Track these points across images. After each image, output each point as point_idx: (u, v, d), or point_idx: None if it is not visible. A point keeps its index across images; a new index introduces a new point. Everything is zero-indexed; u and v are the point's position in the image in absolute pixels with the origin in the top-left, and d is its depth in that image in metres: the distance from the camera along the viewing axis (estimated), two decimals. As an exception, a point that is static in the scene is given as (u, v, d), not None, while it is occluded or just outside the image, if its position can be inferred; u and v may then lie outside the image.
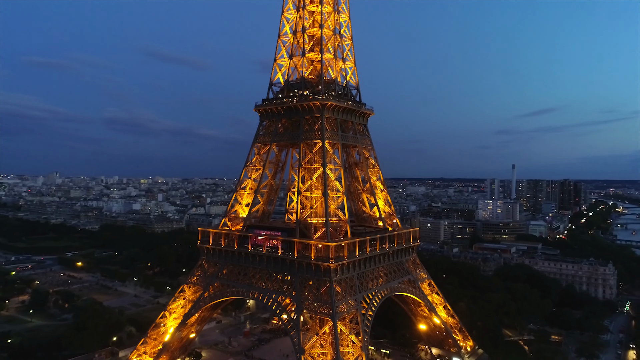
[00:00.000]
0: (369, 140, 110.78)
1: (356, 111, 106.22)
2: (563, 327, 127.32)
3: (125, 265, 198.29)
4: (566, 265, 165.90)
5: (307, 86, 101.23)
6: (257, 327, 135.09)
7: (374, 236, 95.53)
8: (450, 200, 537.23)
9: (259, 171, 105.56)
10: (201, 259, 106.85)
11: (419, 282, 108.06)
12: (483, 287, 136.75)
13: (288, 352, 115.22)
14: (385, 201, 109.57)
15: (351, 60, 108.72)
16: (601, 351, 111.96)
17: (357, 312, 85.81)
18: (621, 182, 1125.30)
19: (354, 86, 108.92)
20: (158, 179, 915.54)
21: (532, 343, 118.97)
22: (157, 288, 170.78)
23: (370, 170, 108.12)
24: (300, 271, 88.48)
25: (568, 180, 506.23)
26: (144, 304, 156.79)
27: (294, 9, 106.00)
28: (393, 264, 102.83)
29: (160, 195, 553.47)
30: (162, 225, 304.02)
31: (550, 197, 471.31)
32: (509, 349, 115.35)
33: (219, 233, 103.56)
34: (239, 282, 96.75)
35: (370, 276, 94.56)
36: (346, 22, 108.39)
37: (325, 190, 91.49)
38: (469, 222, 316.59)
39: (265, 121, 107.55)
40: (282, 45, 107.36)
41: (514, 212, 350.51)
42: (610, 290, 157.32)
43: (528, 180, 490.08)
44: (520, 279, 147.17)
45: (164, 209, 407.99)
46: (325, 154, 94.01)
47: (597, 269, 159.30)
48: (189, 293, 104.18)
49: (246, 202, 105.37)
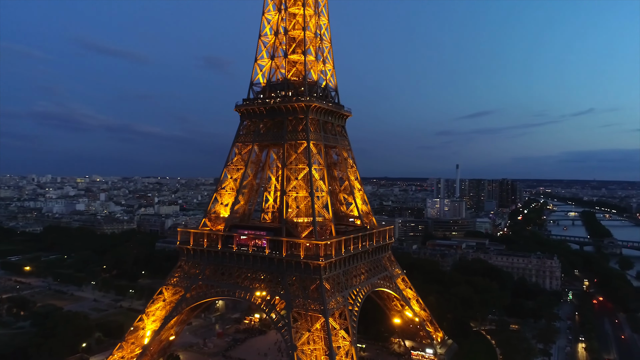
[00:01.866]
0: (347, 141, 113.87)
1: (336, 113, 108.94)
2: (519, 317, 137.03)
3: (79, 269, 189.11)
4: (517, 259, 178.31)
5: (289, 87, 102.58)
6: (230, 328, 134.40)
7: (357, 234, 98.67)
8: (397, 199, 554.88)
9: (240, 171, 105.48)
10: (180, 260, 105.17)
11: (394, 278, 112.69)
12: (447, 281, 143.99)
13: (265, 350, 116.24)
14: (362, 200, 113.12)
15: (330, 63, 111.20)
16: (555, 337, 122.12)
17: (345, 308, 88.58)
18: (549, 181, 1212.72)
19: (333, 88, 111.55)
20: (96, 177, 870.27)
21: (494, 332, 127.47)
22: (118, 291, 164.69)
23: (348, 170, 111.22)
24: (288, 270, 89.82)
25: (506, 179, 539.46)
26: (106, 309, 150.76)
27: (275, 10, 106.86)
28: (372, 261, 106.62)
29: (102, 195, 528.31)
30: (111, 227, 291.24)
31: (491, 195, 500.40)
32: (476, 338, 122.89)
33: (200, 233, 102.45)
34: (224, 282, 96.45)
35: (354, 273, 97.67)
36: (325, 25, 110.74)
37: (311, 190, 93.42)
38: (421, 220, 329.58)
39: (246, 121, 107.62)
40: (262, 46, 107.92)
41: (460, 210, 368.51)
42: (556, 281, 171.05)
43: (470, 179, 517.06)
44: (479, 272, 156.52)
45: (110, 209, 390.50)
46: (311, 155, 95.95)
47: (544, 262, 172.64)
48: (168, 295, 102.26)
49: (227, 202, 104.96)
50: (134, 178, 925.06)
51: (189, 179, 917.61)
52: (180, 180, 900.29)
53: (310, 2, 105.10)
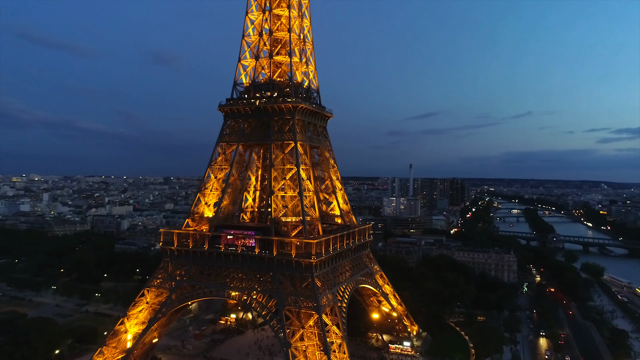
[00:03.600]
0: (328, 142, 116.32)
1: (320, 114, 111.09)
2: (484, 309, 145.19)
3: (35, 273, 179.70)
4: (477, 254, 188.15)
5: (275, 88, 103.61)
6: (207, 329, 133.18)
7: (343, 233, 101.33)
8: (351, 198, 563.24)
9: (224, 170, 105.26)
10: (163, 261, 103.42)
11: (374, 274, 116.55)
12: (416, 277, 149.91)
13: (245, 350, 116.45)
14: (343, 199, 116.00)
15: (312, 64, 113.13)
16: (520, 326, 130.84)
17: (335, 304, 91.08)
18: (492, 180, 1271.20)
19: (315, 89, 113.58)
20: (34, 176, 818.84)
21: (463, 324, 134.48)
22: (82, 296, 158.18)
23: (330, 169, 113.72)
24: (279, 268, 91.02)
25: (456, 179, 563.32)
26: (71, 314, 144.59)
27: (259, 11, 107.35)
28: (355, 259, 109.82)
29: (45, 195, 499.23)
30: (63, 228, 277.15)
31: (443, 194, 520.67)
32: (448, 331, 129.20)
33: (184, 234, 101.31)
34: (212, 283, 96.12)
35: (340, 270, 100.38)
36: (308, 27, 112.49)
37: (300, 189, 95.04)
38: (380, 218, 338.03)
39: (229, 121, 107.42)
40: (245, 46, 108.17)
41: (415, 208, 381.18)
42: (513, 274, 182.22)
43: (423, 178, 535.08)
44: (444, 268, 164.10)
45: (58, 210, 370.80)
46: (298, 155, 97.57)
47: (502, 257, 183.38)
48: (152, 297, 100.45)
49: (212, 202, 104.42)
50: (76, 177, 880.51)
51: (137, 178, 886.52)
52: (127, 180, 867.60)
53: (294, 3, 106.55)
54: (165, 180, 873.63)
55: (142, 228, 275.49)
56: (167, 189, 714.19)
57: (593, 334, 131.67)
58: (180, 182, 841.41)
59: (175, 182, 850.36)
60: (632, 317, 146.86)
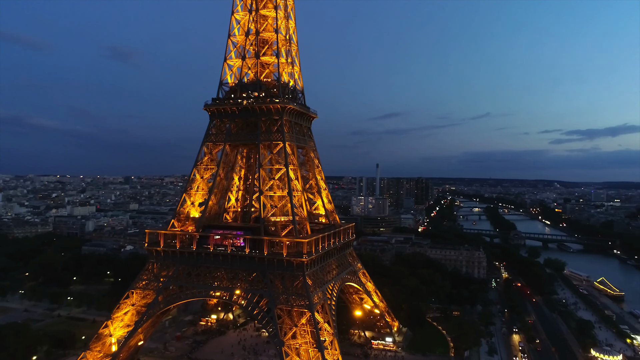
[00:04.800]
0: (313, 142, 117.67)
1: (305, 114, 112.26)
2: (458, 304, 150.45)
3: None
4: (449, 251, 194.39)
5: (262, 88, 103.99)
6: (187, 330, 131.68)
7: (330, 232, 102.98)
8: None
9: (211, 170, 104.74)
10: (149, 262, 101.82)
11: (357, 272, 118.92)
12: (394, 274, 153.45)
13: (229, 350, 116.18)
14: (327, 199, 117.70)
15: (297, 65, 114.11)
16: (495, 320, 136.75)
17: (325, 302, 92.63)
18: (452, 179, 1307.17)
19: (300, 90, 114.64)
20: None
21: (439, 319, 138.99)
22: (53, 299, 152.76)
23: (315, 169, 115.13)
24: (270, 268, 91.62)
25: (421, 178, 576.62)
26: (42, 318, 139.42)
27: (246, 11, 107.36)
28: (340, 257, 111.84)
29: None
30: (23, 230, 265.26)
31: (409, 193, 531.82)
32: (427, 326, 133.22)
33: (170, 234, 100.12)
34: (200, 284, 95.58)
35: (328, 269, 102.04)
36: (293, 28, 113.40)
37: (289, 189, 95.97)
38: (351, 217, 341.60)
39: (215, 120, 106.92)
40: (231, 46, 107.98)
41: (384, 207, 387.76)
42: (483, 270, 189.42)
43: (389, 178, 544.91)
44: (419, 265, 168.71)
45: (15, 211, 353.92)
46: (287, 155, 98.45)
47: (473, 254, 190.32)
48: (137, 299, 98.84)
49: (198, 202, 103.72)
50: (29, 176, 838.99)
51: (95, 178, 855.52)
52: (84, 179, 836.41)
53: (281, 4, 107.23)
54: (126, 179, 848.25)
55: (110, 229, 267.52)
56: (129, 189, 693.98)
57: (560, 325, 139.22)
58: (141, 182, 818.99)
59: (136, 181, 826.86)
60: (594, 308, 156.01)
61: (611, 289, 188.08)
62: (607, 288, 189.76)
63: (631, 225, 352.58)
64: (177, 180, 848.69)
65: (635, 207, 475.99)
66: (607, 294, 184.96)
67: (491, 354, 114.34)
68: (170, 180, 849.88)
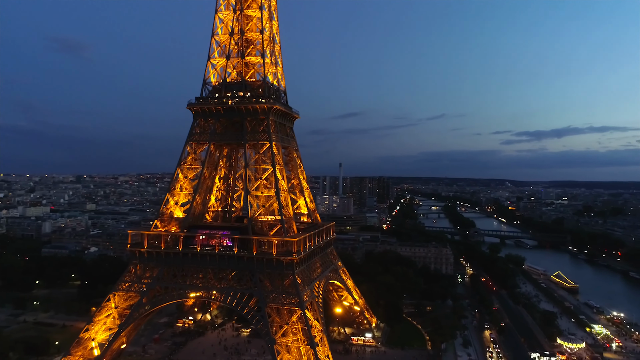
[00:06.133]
0: (295, 142, 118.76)
1: (289, 114, 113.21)
2: (429, 299, 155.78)
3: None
4: (418, 249, 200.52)
5: (247, 88, 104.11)
6: (165, 332, 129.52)
7: (315, 230, 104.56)
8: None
9: (195, 170, 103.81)
10: (132, 263, 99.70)
11: (338, 270, 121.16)
12: (368, 272, 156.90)
13: (211, 350, 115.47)
14: (310, 198, 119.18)
15: (280, 65, 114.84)
16: (467, 313, 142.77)
17: (313, 300, 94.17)
18: (410, 178, 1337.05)
19: (283, 90, 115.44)
20: None
21: (413, 315, 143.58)
22: (16, 305, 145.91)
23: (298, 169, 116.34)
24: (258, 267, 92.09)
25: (383, 177, 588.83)
26: (7, 325, 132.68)
27: (230, 10, 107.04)
28: (323, 255, 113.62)
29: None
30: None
31: (371, 192, 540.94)
32: (404, 321, 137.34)
33: (155, 235, 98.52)
34: (187, 284, 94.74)
35: (313, 267, 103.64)
36: (276, 28, 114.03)
37: (277, 189, 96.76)
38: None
39: (199, 119, 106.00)
40: (214, 45, 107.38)
41: (349, 206, 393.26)
42: (450, 266, 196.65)
43: (351, 177, 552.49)
44: (392, 262, 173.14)
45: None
46: (274, 155, 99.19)
47: (441, 251, 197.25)
48: (120, 301, 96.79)
49: (182, 202, 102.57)
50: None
51: (43, 177, 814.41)
52: (32, 178, 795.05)
53: (265, 5, 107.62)
54: (78, 178, 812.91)
55: (71, 230, 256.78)
56: (82, 188, 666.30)
57: (525, 317, 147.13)
58: (94, 181, 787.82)
59: (88, 180, 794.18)
60: (555, 300, 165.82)
61: (567, 282, 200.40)
62: (563, 281, 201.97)
63: (580, 222, 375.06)
64: (133, 179, 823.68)
65: (581, 204, 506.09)
66: (563, 286, 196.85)
67: (466, 346, 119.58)
68: (124, 179, 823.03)
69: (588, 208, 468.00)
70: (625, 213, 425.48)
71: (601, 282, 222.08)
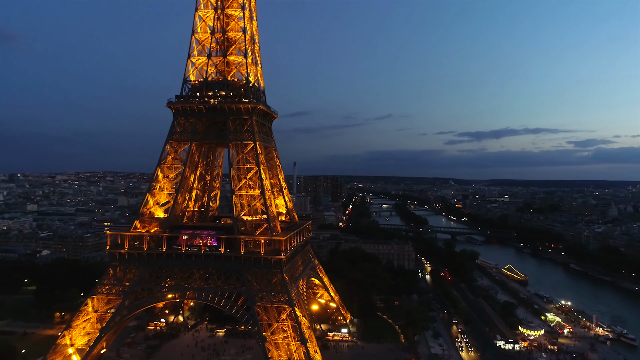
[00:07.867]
0: (274, 142, 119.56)
1: (269, 114, 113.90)
2: (395, 294, 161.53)
3: None
4: (382, 246, 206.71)
5: (229, 87, 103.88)
6: (137, 335, 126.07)
7: (298, 229, 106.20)
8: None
9: (175, 170, 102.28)
10: (111, 265, 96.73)
11: (316, 267, 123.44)
12: (338, 269, 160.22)
13: (187, 352, 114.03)
14: (288, 197, 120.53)
15: (260, 65, 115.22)
16: (434, 306, 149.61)
17: (300, 297, 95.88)
18: (359, 177, 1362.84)
19: (262, 90, 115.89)
20: None
21: (383, 309, 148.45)
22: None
23: (277, 169, 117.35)
24: (246, 266, 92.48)
25: (336, 176, 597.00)
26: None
27: (210, 9, 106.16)
28: (303, 254, 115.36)
29: None
30: None
31: (326, 190, 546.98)
32: (375, 316, 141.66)
33: (137, 236, 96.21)
34: (173, 285, 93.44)
35: (296, 265, 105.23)
36: (256, 28, 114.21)
37: (262, 189, 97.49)
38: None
39: (179, 118, 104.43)
40: (195, 43, 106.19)
41: (305, 205, 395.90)
42: (412, 262, 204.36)
43: (306, 176, 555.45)
44: (358, 259, 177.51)
45: None
46: (258, 155, 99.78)
47: (403, 247, 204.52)
48: (99, 305, 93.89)
49: (163, 202, 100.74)
50: None
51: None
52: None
53: (246, 4, 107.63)
54: (10, 177, 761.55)
55: (18, 233, 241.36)
56: (16, 188, 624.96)
57: (485, 308, 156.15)
58: (29, 180, 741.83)
59: (22, 179, 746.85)
60: (510, 292, 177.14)
61: (517, 274, 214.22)
62: (514, 274, 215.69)
63: (522, 218, 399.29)
64: (72, 178, 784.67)
65: (522, 202, 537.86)
66: (514, 279, 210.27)
67: (436, 337, 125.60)
68: (63, 178, 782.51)
69: (528, 205, 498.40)
70: (561, 210, 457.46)
71: (546, 274, 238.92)
